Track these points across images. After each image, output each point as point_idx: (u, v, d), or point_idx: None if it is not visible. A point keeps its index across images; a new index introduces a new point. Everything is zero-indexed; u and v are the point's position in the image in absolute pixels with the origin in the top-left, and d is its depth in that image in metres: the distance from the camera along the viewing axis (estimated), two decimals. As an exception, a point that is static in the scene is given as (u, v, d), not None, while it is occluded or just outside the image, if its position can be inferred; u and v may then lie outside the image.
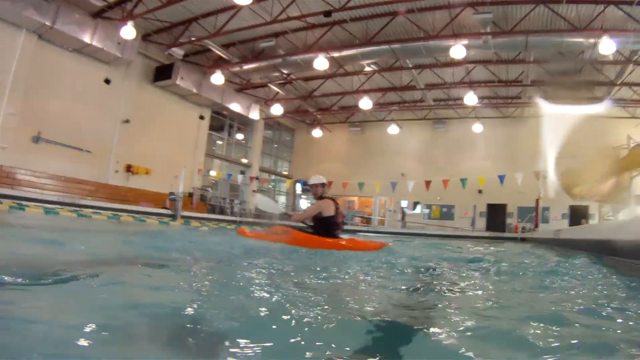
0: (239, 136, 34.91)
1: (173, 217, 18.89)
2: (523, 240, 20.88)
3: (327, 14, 18.82)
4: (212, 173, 32.11)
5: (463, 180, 25.47)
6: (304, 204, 37.92)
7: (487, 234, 24.72)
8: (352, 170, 33.50)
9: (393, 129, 33.15)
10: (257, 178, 32.93)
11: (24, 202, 14.27)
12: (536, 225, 23.57)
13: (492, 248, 12.46)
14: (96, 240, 6.48)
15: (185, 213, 19.79)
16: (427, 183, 26.33)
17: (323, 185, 9.11)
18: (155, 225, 14.55)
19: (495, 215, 29.89)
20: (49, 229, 8.24)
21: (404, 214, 30.58)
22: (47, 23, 19.14)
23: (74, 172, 21.43)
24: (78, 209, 15.83)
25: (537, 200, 23.86)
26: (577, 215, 26.22)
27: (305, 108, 33.34)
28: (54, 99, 20.80)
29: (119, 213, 16.69)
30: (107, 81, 22.96)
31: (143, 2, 19.90)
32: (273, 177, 37.42)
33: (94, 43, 21.14)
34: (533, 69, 23.48)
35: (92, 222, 12.54)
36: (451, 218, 31.49)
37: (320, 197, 8.95)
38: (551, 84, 22.00)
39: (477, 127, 30.38)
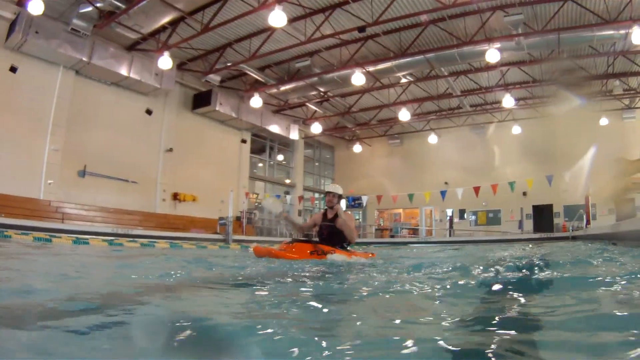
0: (280, 157, 35.08)
1: (224, 241, 19.01)
2: (574, 238, 20.46)
3: (361, 29, 18.89)
4: (261, 196, 32.27)
5: (511, 184, 25.19)
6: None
7: (537, 235, 24.29)
8: (394, 183, 33.30)
9: (432, 138, 32.98)
10: (302, 197, 32.98)
11: (80, 236, 14.46)
12: (588, 222, 23.08)
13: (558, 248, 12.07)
14: (190, 266, 6.56)
15: (236, 237, 19.88)
16: (476, 189, 26.08)
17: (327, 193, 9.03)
18: (216, 250, 14.66)
19: (542, 216, 29.45)
20: (125, 258, 8.37)
21: (451, 222, 30.32)
22: (84, 59, 19.63)
23: (121, 203, 21.84)
24: (134, 239, 15.99)
25: (587, 198, 23.40)
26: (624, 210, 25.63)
27: (343, 124, 33.37)
28: (97, 132, 21.28)
29: (174, 241, 16.83)
30: (149, 112, 23.37)
31: (177, 32, 20.25)
32: (316, 195, 37.40)
33: (132, 75, 21.60)
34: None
35: (155, 250, 12.68)
36: (498, 223, 31.12)
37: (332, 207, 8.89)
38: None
39: (516, 129, 30.00)
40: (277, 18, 16.82)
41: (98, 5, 17.77)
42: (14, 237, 11.25)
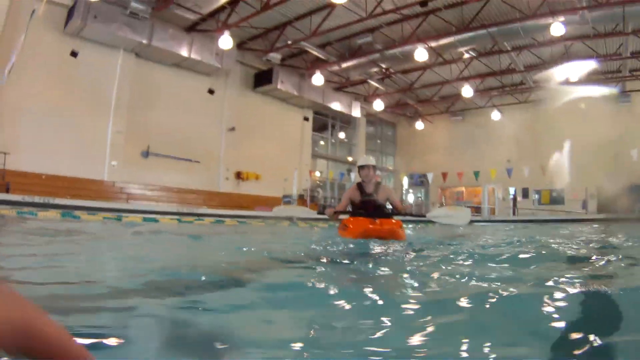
0: (341, 135, 35.01)
1: (289, 219, 19.06)
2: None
3: (423, 3, 18.64)
4: (317, 174, 32.34)
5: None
6: (411, 198, 37.63)
7: (602, 216, 23.63)
8: (456, 160, 32.90)
9: (495, 115, 32.35)
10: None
11: (146, 215, 14.75)
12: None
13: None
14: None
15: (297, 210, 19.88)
16: (543, 168, 25.64)
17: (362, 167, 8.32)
18: (286, 227, 14.88)
19: (605, 196, 28.51)
20: (214, 234, 8.60)
21: (515, 201, 29.74)
22: (144, 41, 20.00)
23: (184, 182, 22.25)
24: (200, 217, 16.22)
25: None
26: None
27: (405, 101, 33.05)
28: (159, 113, 21.67)
29: (241, 219, 17.00)
30: (211, 91, 23.64)
31: (236, 11, 20.31)
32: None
33: (192, 56, 21.88)
34: (632, 40, 22.37)
35: (227, 228, 12.94)
36: (561, 202, 30.38)
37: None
38: None
39: (579, 105, 29.07)
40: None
41: (156, -13, 17.99)
42: (83, 218, 11.54)
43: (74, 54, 18.60)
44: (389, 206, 8.28)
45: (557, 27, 18.94)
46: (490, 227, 19.09)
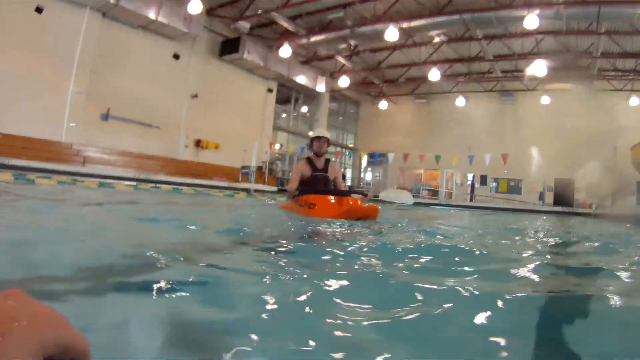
0: (304, 109, 34.73)
1: (247, 191, 18.84)
2: (596, 216, 20.15)
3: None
4: (277, 147, 32.11)
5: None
6: (369, 176, 37.68)
7: (558, 208, 23.96)
8: (418, 143, 33.05)
9: (460, 101, 32.43)
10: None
11: (103, 180, 14.34)
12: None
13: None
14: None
15: (258, 186, 19.63)
16: (504, 157, 26.01)
17: (317, 139, 8.00)
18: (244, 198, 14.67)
19: (563, 190, 28.97)
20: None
21: (473, 187, 29.99)
22: (111, 0, 19.21)
23: (143, 148, 21.70)
24: (157, 185, 15.89)
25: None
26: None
27: (371, 80, 32.89)
28: (122, 76, 20.96)
29: (198, 188, 16.74)
30: (176, 56, 23.14)
31: (208, -25, 19.82)
32: (338, 149, 37.09)
33: (160, 19, 21.18)
34: (604, 41, 22.56)
35: (180, 197, 12.62)
36: (519, 192, 30.77)
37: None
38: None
39: (545, 99, 29.40)
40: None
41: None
42: (37, 182, 11.08)
43: (39, 9, 17.86)
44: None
45: (531, 20, 18.92)
46: (449, 211, 19.17)
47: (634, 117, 25.90)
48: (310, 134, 8.25)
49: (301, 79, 30.19)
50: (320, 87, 32.06)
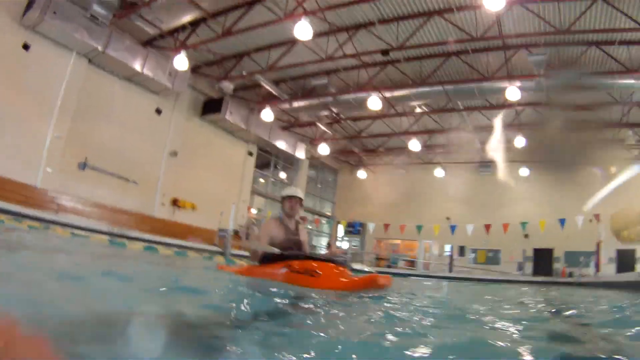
0: (282, 175, 34.64)
1: (223, 254, 18.53)
2: (580, 284, 20.06)
3: (385, 52, 18.69)
4: (253, 211, 31.82)
5: (523, 225, 25.80)
6: (346, 245, 37.41)
7: (540, 278, 23.84)
8: (397, 213, 32.99)
9: (439, 172, 32.60)
10: (303, 218, 32.50)
11: (75, 230, 13.94)
12: (598, 269, 22.87)
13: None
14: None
15: (234, 251, 19.31)
16: (487, 227, 26.23)
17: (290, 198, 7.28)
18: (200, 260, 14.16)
19: (542, 259, 28.97)
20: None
21: (452, 258, 29.83)
22: (99, 47, 19.17)
23: (120, 202, 21.23)
24: (132, 240, 15.49)
25: (599, 244, 23.18)
26: (625, 260, 25.35)
27: (350, 148, 32.99)
28: (102, 125, 20.67)
29: (175, 249, 16.37)
30: (159, 111, 23.05)
31: (196, 33, 19.94)
32: (316, 217, 36.87)
33: (145, 71, 21.18)
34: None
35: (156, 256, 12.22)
36: (497, 263, 30.63)
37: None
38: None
39: (524, 171, 29.65)
40: (303, 30, 16.44)
41: (121, -8, 17.41)
42: (7, 223, 10.72)
43: (26, 46, 17.72)
44: None
45: (513, 91, 19.21)
46: (428, 282, 18.95)
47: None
48: (283, 192, 7.46)
49: (281, 144, 30.18)
50: (300, 153, 32.05)
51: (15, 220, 11.58)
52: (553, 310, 5.77)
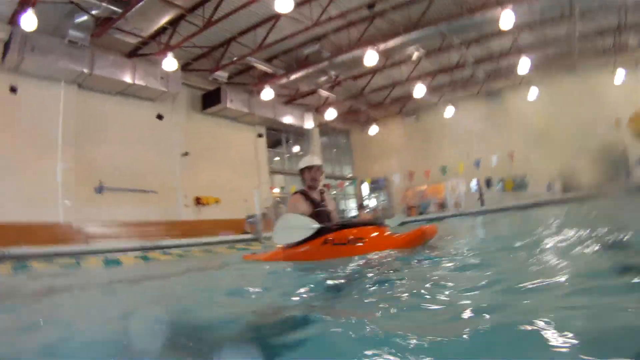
0: (296, 148, 34.49)
1: (256, 240, 18.45)
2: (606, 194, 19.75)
3: (371, 5, 18.37)
4: (276, 190, 31.75)
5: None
6: (373, 203, 37.26)
7: (571, 195, 23.45)
8: (415, 160, 32.85)
9: (448, 111, 32.15)
10: (326, 186, 32.38)
11: (108, 255, 13.85)
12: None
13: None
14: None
15: (267, 234, 19.07)
16: (511, 154, 26.71)
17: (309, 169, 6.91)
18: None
19: (570, 177, 28.49)
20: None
21: (481, 191, 29.50)
22: (85, 70, 18.94)
23: (143, 215, 21.25)
24: (165, 250, 15.42)
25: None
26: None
27: (357, 107, 32.70)
28: (108, 145, 20.60)
29: (207, 246, 16.32)
30: (160, 117, 22.92)
31: (178, 32, 19.68)
32: (338, 181, 36.73)
33: (136, 82, 20.97)
34: (579, 25, 22.41)
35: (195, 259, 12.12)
36: (525, 188, 30.27)
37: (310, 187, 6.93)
38: None
39: (533, 93, 29.08)
40: (284, 3, 16.11)
41: (93, 12, 17.03)
42: (35, 266, 10.60)
43: (13, 89, 17.59)
44: None
45: (507, 15, 18.72)
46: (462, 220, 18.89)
47: (623, 90, 25.71)
48: (300, 164, 7.07)
49: (288, 119, 29.99)
50: (308, 124, 31.86)
51: (46, 262, 11.48)
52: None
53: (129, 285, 6.37)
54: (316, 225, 6.03)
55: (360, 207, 33.99)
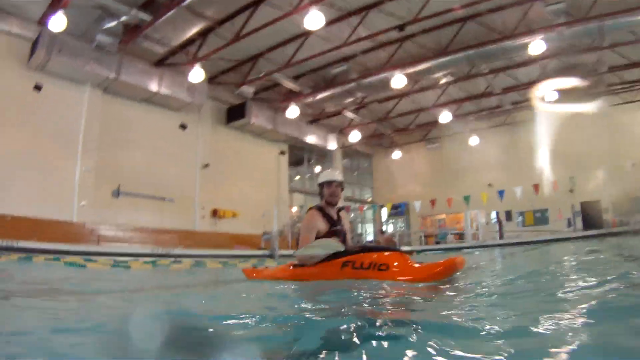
0: (317, 168, 34.36)
1: (271, 256, 18.30)
2: (636, 232, 19.38)
3: (401, 27, 18.24)
4: (294, 209, 31.65)
5: (572, 179, 25.56)
6: (391, 228, 36.99)
7: (594, 232, 23.09)
8: (437, 188, 32.47)
9: (473, 140, 31.87)
10: (346, 208, 32.17)
11: (118, 258, 13.78)
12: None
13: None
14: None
15: (283, 251, 18.86)
16: (536, 187, 25.75)
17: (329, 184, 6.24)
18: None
19: (590, 213, 28.07)
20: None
21: (500, 223, 29.09)
22: (111, 76, 19.24)
23: (159, 222, 21.30)
24: (177, 259, 15.30)
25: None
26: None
27: (381, 131, 32.56)
28: (129, 150, 20.84)
29: (222, 259, 16.17)
30: (184, 126, 23.01)
31: (206, 44, 19.73)
32: (357, 204, 36.50)
33: (162, 91, 21.20)
34: (609, 54, 22.13)
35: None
36: (546, 222, 29.87)
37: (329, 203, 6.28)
38: None
39: (554, 121, 28.65)
40: (314, 20, 16.10)
41: (122, 19, 17.16)
42: (36, 261, 10.55)
43: (37, 87, 17.76)
44: None
45: (537, 45, 18.58)
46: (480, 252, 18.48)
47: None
48: (320, 178, 6.44)
49: (311, 139, 29.97)
50: (332, 144, 31.82)
51: (55, 259, 11.43)
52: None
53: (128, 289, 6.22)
54: (341, 248, 5.52)
55: (380, 232, 33.65)
